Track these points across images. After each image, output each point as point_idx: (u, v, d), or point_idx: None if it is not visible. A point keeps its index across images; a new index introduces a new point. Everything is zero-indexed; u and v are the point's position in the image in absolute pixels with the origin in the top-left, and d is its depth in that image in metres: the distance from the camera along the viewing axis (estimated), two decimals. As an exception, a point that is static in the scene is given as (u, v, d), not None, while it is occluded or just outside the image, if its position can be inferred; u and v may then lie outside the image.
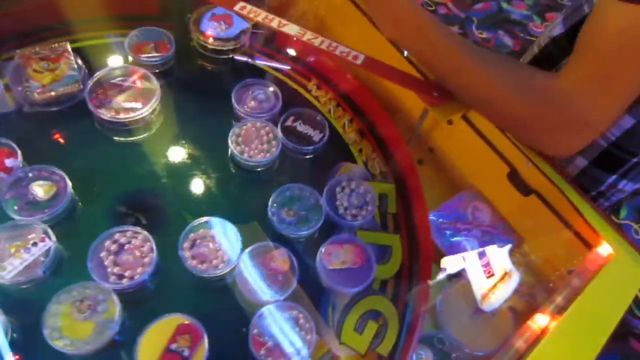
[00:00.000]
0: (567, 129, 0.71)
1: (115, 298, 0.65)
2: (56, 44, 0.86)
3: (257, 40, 0.99)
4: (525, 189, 0.80)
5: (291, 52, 1.00)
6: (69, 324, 0.63)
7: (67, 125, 0.83)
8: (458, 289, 0.77)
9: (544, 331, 0.65)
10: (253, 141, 0.83)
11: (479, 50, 0.74)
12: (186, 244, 0.71)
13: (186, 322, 0.65)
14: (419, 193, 0.85)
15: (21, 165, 0.74)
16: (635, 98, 0.89)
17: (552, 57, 0.99)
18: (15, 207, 0.71)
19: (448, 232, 0.82)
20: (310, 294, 0.72)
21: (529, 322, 0.70)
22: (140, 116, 0.82)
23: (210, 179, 0.81)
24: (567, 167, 0.93)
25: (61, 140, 0.82)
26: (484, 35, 2.65)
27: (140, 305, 0.69)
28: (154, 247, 0.69)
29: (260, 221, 0.78)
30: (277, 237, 0.76)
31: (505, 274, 0.79)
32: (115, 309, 0.64)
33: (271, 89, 0.91)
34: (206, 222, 0.74)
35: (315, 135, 0.87)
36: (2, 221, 0.69)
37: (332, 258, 0.74)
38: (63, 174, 0.74)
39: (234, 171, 0.84)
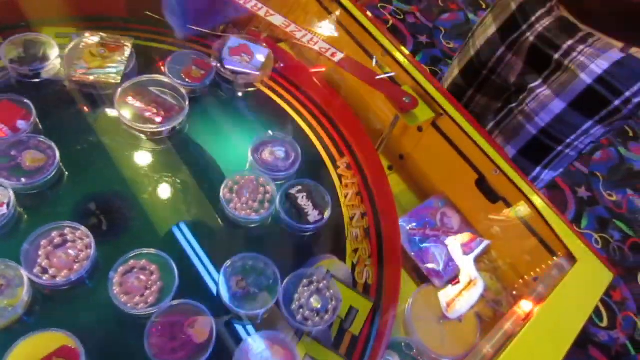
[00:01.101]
0: None
1: (26, 290, 0.62)
2: (122, 37, 0.88)
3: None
4: (493, 197, 0.81)
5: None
6: (-29, 295, 0.60)
7: (90, 112, 0.82)
8: (426, 295, 0.77)
9: (509, 338, 0.65)
10: (246, 195, 0.76)
11: None
12: (122, 269, 0.65)
13: (71, 346, 0.59)
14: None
15: (29, 130, 0.74)
16: (562, 81, 0.91)
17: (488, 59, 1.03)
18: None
19: (417, 238, 0.82)
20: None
21: (495, 329, 0.70)
22: (157, 130, 0.79)
23: (188, 214, 0.76)
24: None
25: (76, 123, 0.81)
26: (452, 45, 2.70)
27: (47, 308, 0.64)
28: (91, 257, 0.65)
29: (209, 278, 0.70)
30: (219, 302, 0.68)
31: (471, 281, 0.79)
32: (20, 300, 0.61)
33: (293, 150, 0.83)
34: (153, 254, 0.68)
35: (313, 216, 0.77)
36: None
37: (255, 354, 0.64)
38: (57, 151, 0.73)
39: (215, 216, 0.76)
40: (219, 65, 0.90)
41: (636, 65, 0.86)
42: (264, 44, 0.94)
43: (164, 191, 0.77)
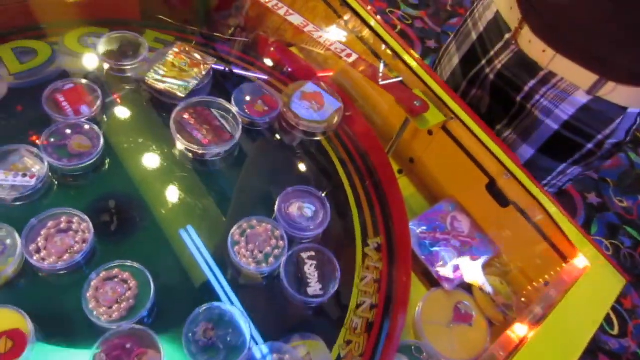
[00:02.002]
0: None
1: (15, 261, 0.63)
2: (207, 55, 0.91)
3: (236, 47, 0.99)
4: (503, 200, 0.80)
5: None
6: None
7: (149, 117, 0.85)
8: (436, 299, 0.77)
9: (520, 343, 0.65)
10: (255, 242, 0.71)
11: None
12: (104, 273, 0.64)
13: (23, 332, 0.59)
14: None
15: (88, 117, 0.79)
16: (526, 126, 0.89)
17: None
18: (47, 142, 0.74)
19: (427, 242, 0.82)
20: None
21: (506, 334, 0.69)
22: (200, 151, 0.80)
23: (194, 241, 0.72)
24: None
25: (133, 123, 0.84)
26: (462, 51, 2.69)
27: (23, 286, 0.65)
28: (82, 252, 0.65)
29: (184, 314, 0.64)
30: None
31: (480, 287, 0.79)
32: (4, 270, 0.63)
33: (323, 211, 0.77)
34: (137, 269, 0.66)
35: (314, 289, 0.70)
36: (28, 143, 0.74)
37: None
38: (102, 143, 0.75)
39: (218, 254, 0.72)
40: (285, 106, 0.88)
41: (606, 108, 0.83)
42: (339, 97, 0.90)
43: (182, 211, 0.76)
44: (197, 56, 0.90)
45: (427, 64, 0.91)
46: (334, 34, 0.95)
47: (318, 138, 0.89)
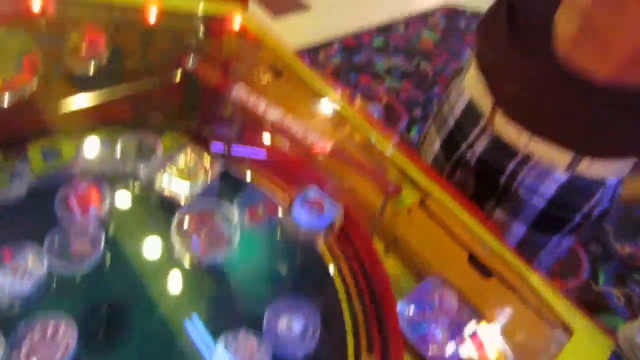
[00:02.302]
0: None
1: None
2: (217, 160, 0.94)
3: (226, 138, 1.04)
4: (485, 272, 0.82)
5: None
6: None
7: (154, 220, 0.87)
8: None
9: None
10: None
11: None
12: None
13: None
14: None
15: (95, 219, 0.81)
16: (514, 206, 0.91)
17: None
18: (50, 243, 0.77)
19: (416, 323, 0.82)
20: None
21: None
22: (196, 259, 0.81)
23: (185, 351, 0.73)
24: None
25: (137, 227, 0.86)
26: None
27: None
28: None
29: None
30: None
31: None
32: None
33: (313, 327, 0.75)
34: None
35: None
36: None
37: None
38: (101, 248, 0.77)
39: None
40: (284, 213, 0.88)
41: (585, 184, 0.86)
42: (340, 203, 0.90)
43: (170, 322, 0.76)
44: (206, 159, 0.93)
45: (414, 133, 0.95)
46: (312, 122, 1.00)
47: (312, 246, 0.89)
